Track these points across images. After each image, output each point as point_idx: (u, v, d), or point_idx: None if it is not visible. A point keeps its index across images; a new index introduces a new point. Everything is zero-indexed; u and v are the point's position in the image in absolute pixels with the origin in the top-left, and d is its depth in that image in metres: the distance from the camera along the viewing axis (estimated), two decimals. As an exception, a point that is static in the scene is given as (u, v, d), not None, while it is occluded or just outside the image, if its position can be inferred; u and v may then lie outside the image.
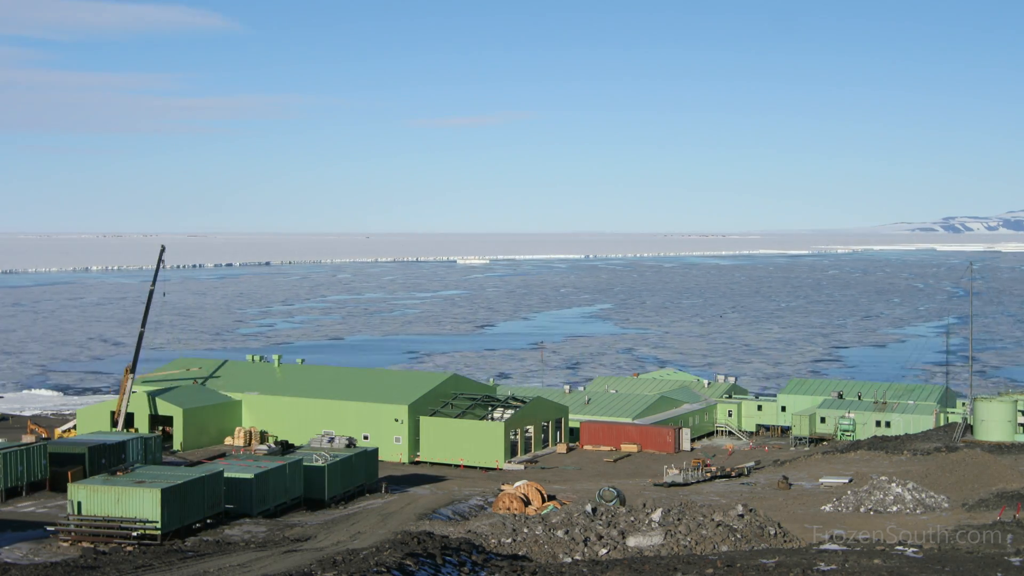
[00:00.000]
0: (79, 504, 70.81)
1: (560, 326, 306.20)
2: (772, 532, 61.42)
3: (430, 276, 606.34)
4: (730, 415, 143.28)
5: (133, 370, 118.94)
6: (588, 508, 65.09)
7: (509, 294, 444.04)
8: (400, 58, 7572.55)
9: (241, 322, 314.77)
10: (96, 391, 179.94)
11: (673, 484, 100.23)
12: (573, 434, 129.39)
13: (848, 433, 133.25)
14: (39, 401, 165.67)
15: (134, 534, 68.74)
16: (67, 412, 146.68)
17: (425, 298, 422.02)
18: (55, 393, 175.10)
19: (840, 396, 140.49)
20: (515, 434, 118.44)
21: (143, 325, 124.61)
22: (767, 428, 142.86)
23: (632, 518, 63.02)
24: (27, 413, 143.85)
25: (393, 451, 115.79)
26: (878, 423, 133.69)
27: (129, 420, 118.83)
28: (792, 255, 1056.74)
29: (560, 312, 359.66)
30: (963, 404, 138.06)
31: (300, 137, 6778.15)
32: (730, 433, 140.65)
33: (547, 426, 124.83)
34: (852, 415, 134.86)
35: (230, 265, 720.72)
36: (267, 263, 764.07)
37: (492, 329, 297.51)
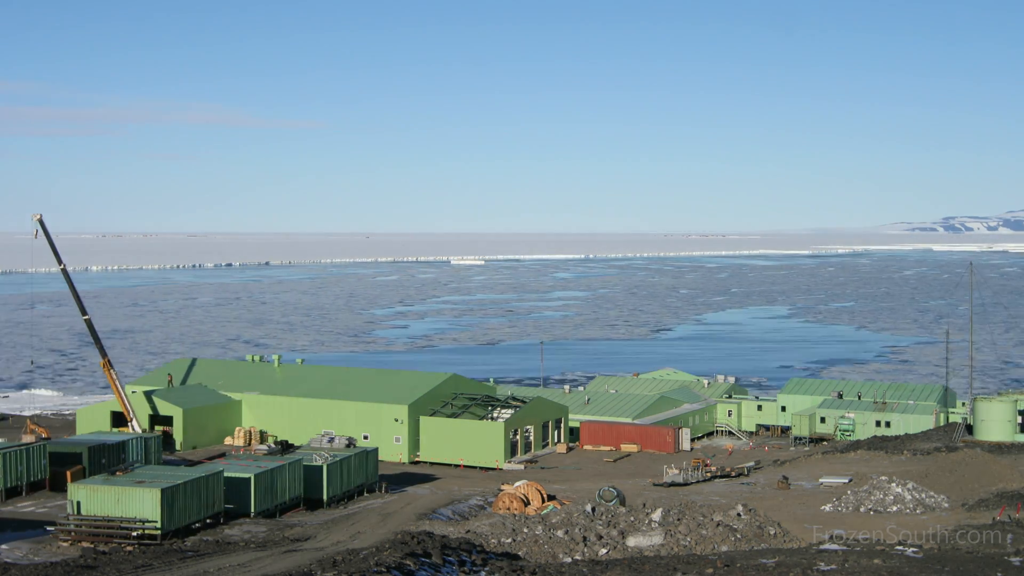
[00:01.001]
0: (79, 504, 70.90)
1: (789, 331, 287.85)
2: (772, 532, 61.46)
3: (520, 275, 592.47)
4: (730, 415, 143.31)
5: (109, 363, 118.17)
6: (588, 508, 65.13)
7: (630, 295, 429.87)
8: (400, 62, 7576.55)
9: (373, 323, 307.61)
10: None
11: (673, 484, 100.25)
12: (573, 434, 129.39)
13: (848, 433, 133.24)
14: (39, 401, 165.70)
15: (134, 534, 68.81)
16: (67, 412, 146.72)
17: (553, 298, 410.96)
18: (55, 393, 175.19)
19: (840, 396, 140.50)
20: (515, 434, 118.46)
21: (84, 312, 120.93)
22: (767, 428, 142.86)
23: (632, 518, 63.05)
24: (27, 413, 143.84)
25: (393, 451, 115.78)
26: (878, 423, 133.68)
27: (121, 420, 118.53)
28: (815, 255, 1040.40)
29: (738, 313, 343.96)
30: (963, 404, 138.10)
31: (300, 137, 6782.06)
32: (730, 433, 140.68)
33: (547, 426, 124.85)
34: (852, 415, 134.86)
35: (230, 265, 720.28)
36: (267, 263, 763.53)
37: (670, 333, 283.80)
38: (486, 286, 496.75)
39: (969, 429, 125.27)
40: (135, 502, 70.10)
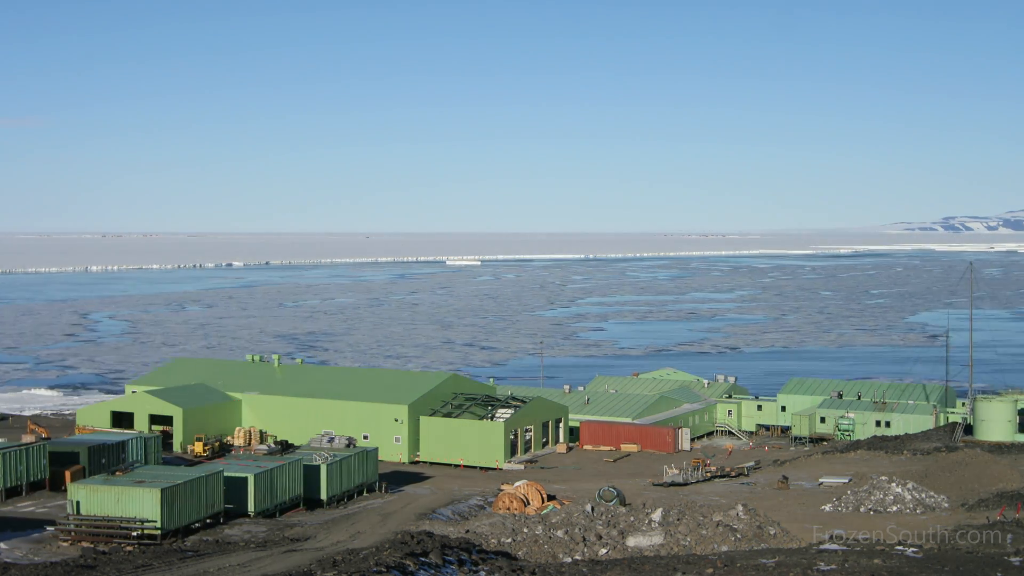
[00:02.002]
0: (78, 504, 70.95)
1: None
2: (772, 532, 61.45)
3: (609, 277, 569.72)
4: (730, 415, 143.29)
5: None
6: (588, 508, 65.08)
7: (778, 296, 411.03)
8: (398, 62, 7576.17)
9: (562, 325, 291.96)
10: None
11: (673, 484, 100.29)
12: (573, 434, 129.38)
13: (848, 433, 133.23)
14: (39, 401, 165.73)
15: (134, 534, 68.85)
16: (67, 412, 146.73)
17: (705, 299, 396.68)
18: (55, 393, 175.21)
19: (840, 396, 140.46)
20: (515, 434, 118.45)
21: None
22: (767, 428, 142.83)
23: (632, 518, 63.01)
24: (27, 413, 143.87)
25: (393, 451, 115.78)
26: (878, 423, 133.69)
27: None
28: (835, 255, 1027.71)
29: (955, 316, 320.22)
30: (963, 404, 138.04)
31: (298, 137, 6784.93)
32: (730, 433, 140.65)
33: (547, 426, 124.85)
34: (852, 415, 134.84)
35: (230, 265, 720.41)
36: (267, 263, 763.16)
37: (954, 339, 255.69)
38: (603, 288, 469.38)
39: (969, 429, 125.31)
40: (135, 502, 70.16)
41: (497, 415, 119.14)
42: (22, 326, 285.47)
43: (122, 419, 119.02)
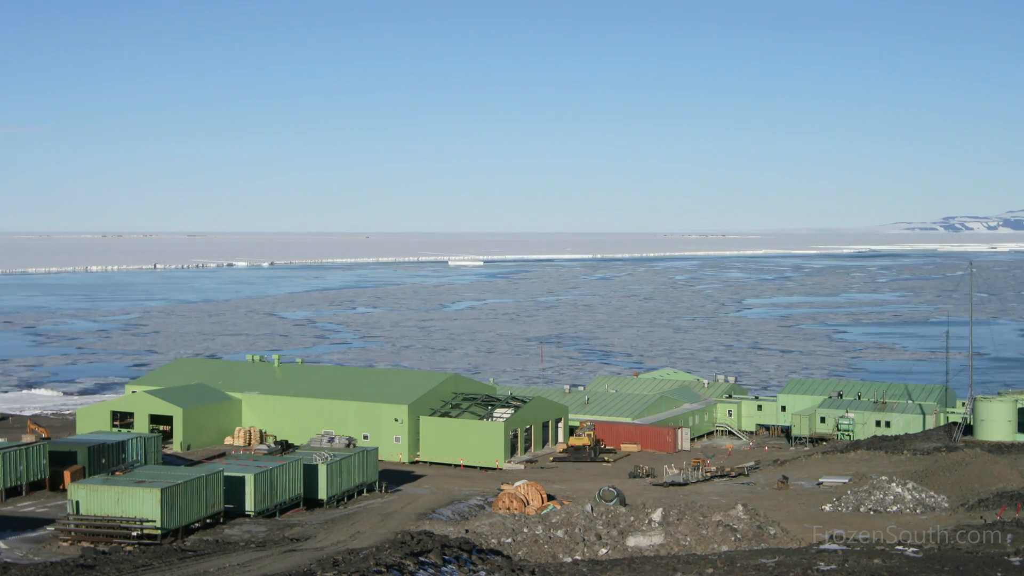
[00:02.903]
0: (78, 504, 70.98)
1: None
2: (772, 532, 61.46)
3: (733, 282, 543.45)
4: (730, 415, 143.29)
5: None
6: (588, 508, 65.08)
7: (933, 296, 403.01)
8: (397, 60, 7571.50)
9: (790, 328, 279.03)
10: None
11: (673, 484, 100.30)
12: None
13: (848, 433, 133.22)
14: (39, 401, 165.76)
15: (134, 534, 68.86)
16: (67, 412, 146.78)
17: (882, 300, 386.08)
18: (55, 393, 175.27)
19: (840, 396, 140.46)
20: (515, 434, 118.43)
21: None
22: (767, 428, 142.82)
23: (632, 518, 63.00)
24: (27, 413, 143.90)
25: (393, 451, 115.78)
26: (878, 423, 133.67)
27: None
28: (841, 254, 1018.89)
29: None
30: (963, 404, 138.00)
31: (297, 137, 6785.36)
32: (730, 433, 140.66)
33: (547, 426, 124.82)
34: (852, 415, 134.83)
35: (231, 265, 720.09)
36: (271, 263, 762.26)
37: None
38: (743, 290, 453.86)
39: (969, 429, 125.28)
40: (135, 502, 70.17)
41: (497, 415, 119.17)
42: (241, 327, 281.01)
43: (122, 419, 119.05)
